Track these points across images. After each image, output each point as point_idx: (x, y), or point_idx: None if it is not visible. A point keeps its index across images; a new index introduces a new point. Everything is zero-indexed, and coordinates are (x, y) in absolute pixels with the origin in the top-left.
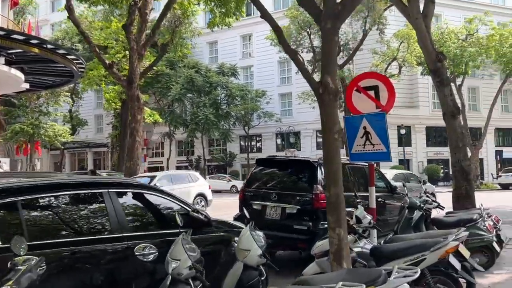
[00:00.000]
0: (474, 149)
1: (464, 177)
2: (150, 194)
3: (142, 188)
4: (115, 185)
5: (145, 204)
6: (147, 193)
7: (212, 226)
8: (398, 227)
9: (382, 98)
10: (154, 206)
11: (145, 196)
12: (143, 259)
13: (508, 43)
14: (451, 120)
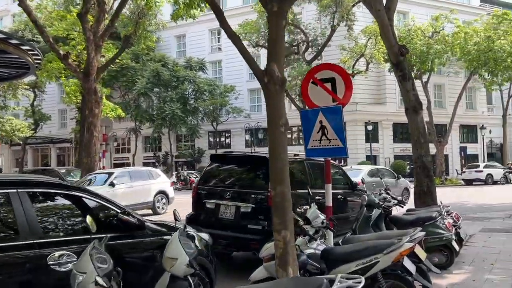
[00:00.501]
0: (439, 145)
1: (426, 173)
2: (72, 195)
3: (61, 188)
4: (27, 184)
5: (65, 206)
6: (68, 193)
7: (146, 230)
8: (356, 225)
9: (339, 91)
10: (77, 209)
11: (65, 197)
12: (59, 268)
13: (473, 41)
14: (413, 115)
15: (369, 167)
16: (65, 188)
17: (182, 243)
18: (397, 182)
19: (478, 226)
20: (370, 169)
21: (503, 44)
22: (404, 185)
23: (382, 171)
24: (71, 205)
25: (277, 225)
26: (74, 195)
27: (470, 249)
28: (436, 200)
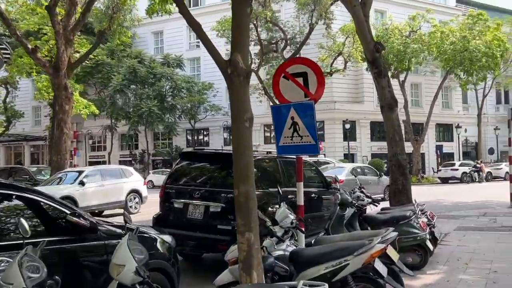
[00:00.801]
0: (416, 144)
1: (401, 171)
2: (22, 196)
3: (11, 188)
4: None
5: (17, 208)
6: (18, 195)
7: (99, 233)
8: (329, 225)
9: (311, 86)
10: (20, 210)
11: (17, 199)
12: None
13: (449, 41)
14: (388, 113)
15: (352, 165)
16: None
17: (131, 249)
18: (379, 179)
19: (453, 224)
20: (352, 167)
21: (478, 44)
22: (386, 183)
23: (364, 169)
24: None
25: (241, 227)
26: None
27: (445, 248)
28: (411, 199)
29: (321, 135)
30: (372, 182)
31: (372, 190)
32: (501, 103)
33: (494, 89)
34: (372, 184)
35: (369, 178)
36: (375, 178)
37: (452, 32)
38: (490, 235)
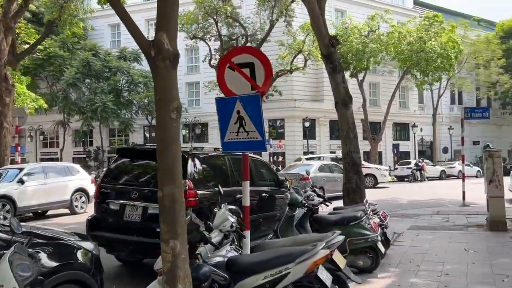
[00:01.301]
0: (373, 142)
1: (355, 169)
2: None
3: None
4: None
5: None
6: None
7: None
8: (278, 226)
9: (258, 78)
10: None
11: None
12: None
13: (406, 41)
14: (343, 109)
15: (320, 162)
16: None
17: (15, 265)
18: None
19: (407, 223)
20: (320, 164)
21: (433, 45)
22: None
23: (331, 166)
24: None
25: (165, 234)
26: None
27: (398, 249)
28: (364, 197)
29: (281, 133)
30: (339, 179)
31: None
32: (455, 104)
33: (448, 90)
34: (339, 181)
35: (336, 175)
36: (341, 175)
37: (409, 32)
38: (443, 235)
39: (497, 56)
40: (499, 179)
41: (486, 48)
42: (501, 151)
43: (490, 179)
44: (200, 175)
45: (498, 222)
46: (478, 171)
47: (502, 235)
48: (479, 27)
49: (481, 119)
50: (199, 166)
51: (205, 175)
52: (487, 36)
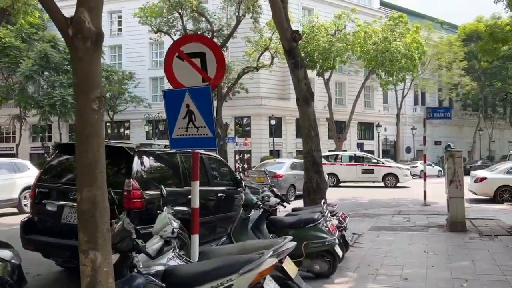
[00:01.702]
0: (338, 141)
1: (316, 168)
2: None
3: None
4: None
5: None
6: None
7: None
8: (231, 229)
9: (210, 69)
10: None
11: None
12: None
13: (372, 41)
14: (304, 106)
15: (291, 160)
16: None
17: None
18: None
19: (368, 223)
20: (292, 162)
21: (398, 45)
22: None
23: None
24: None
25: (84, 244)
26: None
27: (357, 251)
28: (325, 198)
29: (247, 131)
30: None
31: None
32: (418, 104)
33: (412, 91)
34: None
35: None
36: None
37: (375, 32)
38: (403, 236)
39: (459, 58)
40: (459, 179)
41: (449, 50)
42: (462, 151)
43: (450, 180)
44: (148, 174)
45: (458, 222)
46: (439, 171)
47: (461, 236)
48: (442, 29)
49: (443, 119)
50: (147, 164)
51: (154, 174)
52: (449, 39)
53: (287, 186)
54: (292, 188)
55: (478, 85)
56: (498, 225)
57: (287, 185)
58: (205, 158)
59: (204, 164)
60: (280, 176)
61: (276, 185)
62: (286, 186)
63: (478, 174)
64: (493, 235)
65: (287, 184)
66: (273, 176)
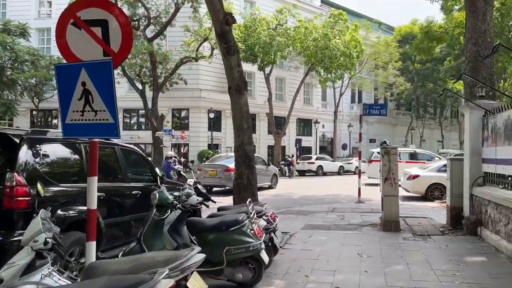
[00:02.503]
0: (277, 136)
1: (247, 164)
2: None
3: None
4: None
5: None
6: None
7: None
8: (142, 233)
9: (114, 41)
10: None
11: None
12: None
13: (312, 37)
14: (236, 96)
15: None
16: None
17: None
18: (267, 168)
19: (301, 222)
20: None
21: (337, 43)
22: (273, 171)
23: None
24: None
25: None
26: None
27: (288, 254)
28: (256, 195)
29: (185, 124)
30: (261, 170)
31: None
32: (355, 102)
33: (349, 89)
34: (261, 173)
35: (258, 167)
36: (263, 167)
37: (316, 29)
38: (337, 236)
39: (394, 59)
40: (394, 177)
41: (385, 50)
42: (397, 148)
43: (385, 177)
44: (39, 167)
45: (392, 222)
46: None
47: (395, 236)
48: (379, 30)
49: (379, 117)
50: (40, 155)
51: (47, 168)
52: (386, 39)
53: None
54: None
55: (411, 86)
56: (430, 224)
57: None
58: (119, 150)
59: (118, 157)
60: (232, 170)
61: (228, 179)
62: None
63: (410, 172)
64: (426, 234)
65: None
66: (225, 170)
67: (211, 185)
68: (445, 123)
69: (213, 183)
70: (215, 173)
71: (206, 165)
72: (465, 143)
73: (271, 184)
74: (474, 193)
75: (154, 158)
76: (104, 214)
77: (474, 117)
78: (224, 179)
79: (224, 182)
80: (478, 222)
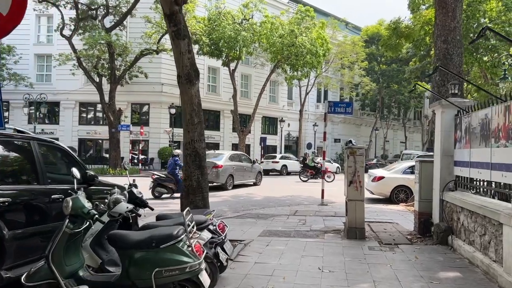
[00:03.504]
0: (242, 134)
1: (198, 163)
2: None
3: None
4: None
5: None
6: None
7: None
8: (50, 250)
9: (1, 3)
10: None
11: None
12: None
13: (278, 33)
14: (186, 86)
15: (231, 152)
16: None
17: None
18: (253, 166)
19: (259, 227)
20: (230, 154)
21: (304, 40)
22: (258, 169)
23: (241, 156)
24: None
25: None
26: None
27: (239, 268)
28: (207, 201)
29: (145, 120)
30: (247, 168)
31: (247, 176)
32: (320, 102)
33: (315, 88)
34: (247, 170)
35: (244, 165)
36: (249, 164)
37: (282, 25)
38: (297, 244)
39: (360, 59)
40: (360, 180)
41: (352, 50)
42: (364, 148)
43: (350, 180)
44: None
45: (357, 229)
46: (337, 167)
47: (360, 245)
48: (346, 29)
49: (344, 116)
50: None
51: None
52: (353, 39)
53: (226, 176)
54: (231, 177)
55: (377, 86)
56: (397, 231)
57: (226, 174)
58: (35, 145)
59: (34, 153)
60: (220, 167)
61: (216, 175)
62: (225, 175)
63: (375, 173)
64: (394, 243)
65: (226, 174)
66: (213, 166)
67: None
68: (409, 124)
69: None
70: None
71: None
72: (436, 144)
73: (255, 181)
74: (445, 199)
75: (110, 154)
76: (10, 224)
77: (446, 116)
78: (212, 175)
79: (212, 178)
80: (449, 230)
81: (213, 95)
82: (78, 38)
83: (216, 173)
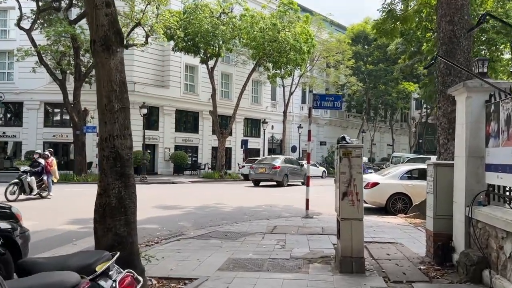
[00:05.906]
0: (222, 136)
1: (118, 170)
2: None
3: None
4: None
5: None
6: None
7: None
8: None
9: None
10: None
11: None
12: None
13: (259, 27)
14: (103, 56)
15: (285, 156)
16: None
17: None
18: (302, 169)
19: (223, 253)
20: (285, 158)
21: (287, 35)
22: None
23: (291, 160)
24: None
25: None
26: None
27: None
28: (133, 227)
29: None
30: (297, 170)
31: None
32: (305, 103)
33: (300, 89)
34: (297, 173)
35: (294, 166)
36: (299, 167)
37: (263, 18)
38: (269, 284)
39: (347, 57)
40: (357, 191)
41: (338, 47)
42: (363, 148)
43: (344, 191)
44: None
45: (353, 259)
46: (323, 171)
47: (359, 284)
48: (331, 27)
49: (329, 119)
50: None
51: None
52: (338, 38)
53: (282, 175)
54: (286, 177)
55: (363, 87)
56: (404, 257)
57: (283, 174)
58: None
59: None
60: (278, 167)
61: (274, 173)
62: (282, 174)
63: (368, 179)
64: (406, 281)
65: (283, 173)
66: (272, 167)
67: (261, 179)
68: (396, 126)
69: (263, 177)
70: (265, 170)
71: (257, 164)
72: (458, 141)
73: (303, 181)
74: (475, 217)
75: (75, 158)
76: None
77: (473, 103)
78: (271, 174)
79: (271, 176)
80: (484, 262)
81: (191, 95)
82: (42, 33)
83: (274, 172)
